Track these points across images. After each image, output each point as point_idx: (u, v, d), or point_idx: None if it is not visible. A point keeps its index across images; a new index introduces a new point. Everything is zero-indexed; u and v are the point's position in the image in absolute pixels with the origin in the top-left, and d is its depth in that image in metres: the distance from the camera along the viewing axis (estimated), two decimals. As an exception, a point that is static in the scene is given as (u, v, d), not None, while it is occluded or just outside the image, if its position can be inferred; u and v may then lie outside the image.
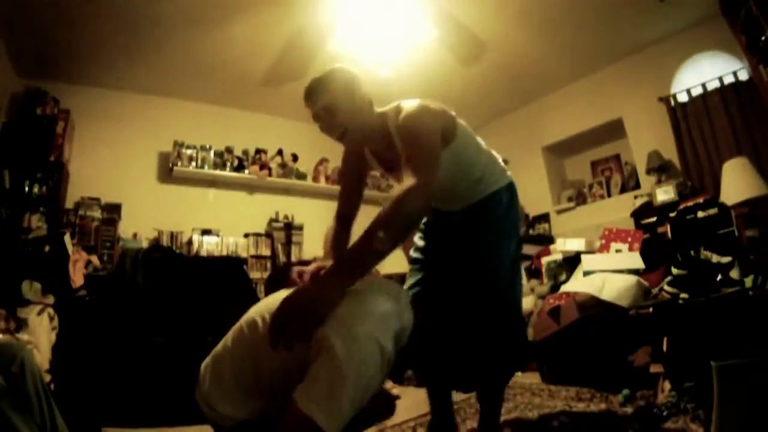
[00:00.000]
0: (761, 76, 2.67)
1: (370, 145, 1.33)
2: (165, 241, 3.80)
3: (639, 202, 3.73)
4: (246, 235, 4.20)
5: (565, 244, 3.32)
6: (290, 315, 0.87)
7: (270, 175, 4.43)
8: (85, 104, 3.69)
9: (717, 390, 1.04)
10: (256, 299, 2.97)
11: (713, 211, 2.96)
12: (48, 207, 3.22)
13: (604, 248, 3.05)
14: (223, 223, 4.11)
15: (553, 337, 2.50)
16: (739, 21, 2.54)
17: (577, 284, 2.68)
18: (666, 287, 2.29)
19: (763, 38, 2.24)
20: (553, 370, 2.55)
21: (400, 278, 2.16)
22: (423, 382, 1.63)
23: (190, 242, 3.88)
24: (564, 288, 2.80)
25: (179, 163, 3.98)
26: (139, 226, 3.73)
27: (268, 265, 4.24)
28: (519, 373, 2.94)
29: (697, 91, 3.60)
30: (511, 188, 1.49)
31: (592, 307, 2.37)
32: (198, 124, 4.27)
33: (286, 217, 4.48)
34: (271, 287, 3.06)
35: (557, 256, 3.36)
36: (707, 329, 1.75)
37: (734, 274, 2.09)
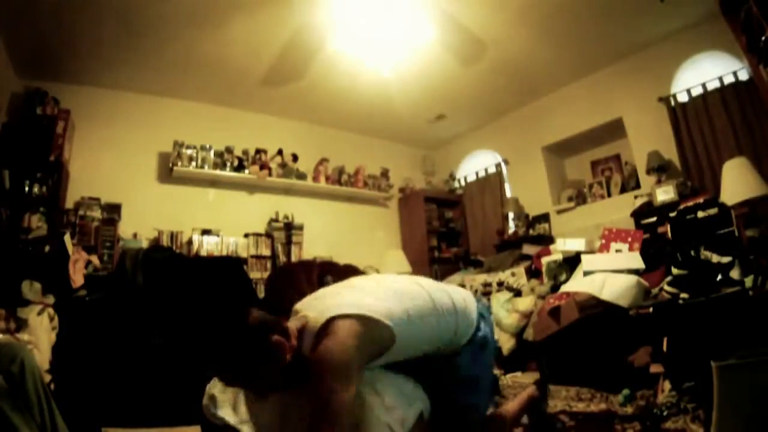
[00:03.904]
0: (761, 76, 2.66)
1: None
2: (165, 241, 3.80)
3: (639, 202, 3.73)
4: (246, 235, 4.19)
5: (565, 244, 3.32)
6: None
7: (270, 175, 4.42)
8: (85, 104, 3.69)
9: (717, 390, 1.04)
10: (257, 299, 2.97)
11: (713, 211, 2.96)
12: (48, 207, 3.22)
13: (604, 248, 3.05)
14: (223, 223, 4.11)
15: (553, 337, 2.50)
16: (739, 21, 2.54)
17: (577, 284, 2.69)
18: (666, 287, 2.29)
19: (763, 38, 2.23)
20: (554, 370, 2.56)
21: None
22: None
23: (190, 242, 3.88)
24: (564, 288, 2.81)
25: (179, 163, 3.97)
26: (139, 226, 3.73)
27: (268, 265, 4.23)
28: (519, 373, 2.94)
29: (697, 91, 3.60)
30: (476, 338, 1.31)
31: (592, 307, 2.38)
32: (198, 124, 4.27)
33: (286, 217, 4.48)
34: (272, 287, 3.06)
35: (557, 256, 3.37)
36: (707, 329, 1.75)
37: (734, 274, 2.09)
